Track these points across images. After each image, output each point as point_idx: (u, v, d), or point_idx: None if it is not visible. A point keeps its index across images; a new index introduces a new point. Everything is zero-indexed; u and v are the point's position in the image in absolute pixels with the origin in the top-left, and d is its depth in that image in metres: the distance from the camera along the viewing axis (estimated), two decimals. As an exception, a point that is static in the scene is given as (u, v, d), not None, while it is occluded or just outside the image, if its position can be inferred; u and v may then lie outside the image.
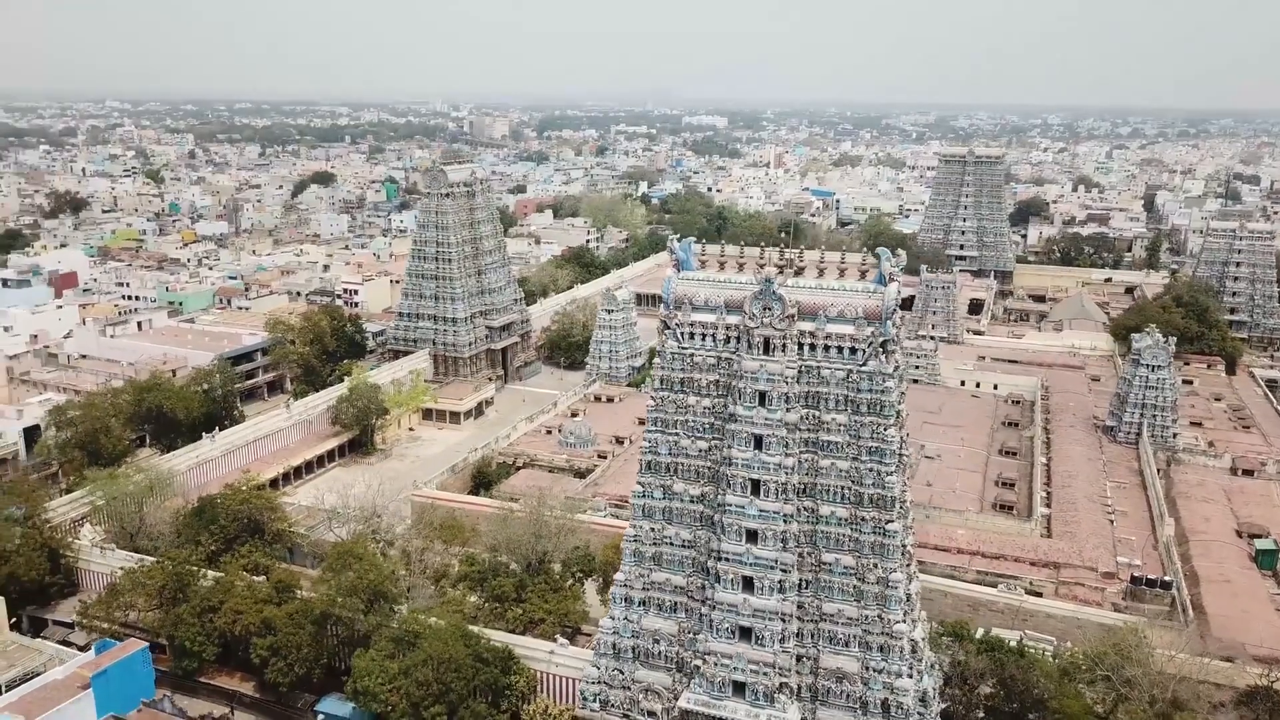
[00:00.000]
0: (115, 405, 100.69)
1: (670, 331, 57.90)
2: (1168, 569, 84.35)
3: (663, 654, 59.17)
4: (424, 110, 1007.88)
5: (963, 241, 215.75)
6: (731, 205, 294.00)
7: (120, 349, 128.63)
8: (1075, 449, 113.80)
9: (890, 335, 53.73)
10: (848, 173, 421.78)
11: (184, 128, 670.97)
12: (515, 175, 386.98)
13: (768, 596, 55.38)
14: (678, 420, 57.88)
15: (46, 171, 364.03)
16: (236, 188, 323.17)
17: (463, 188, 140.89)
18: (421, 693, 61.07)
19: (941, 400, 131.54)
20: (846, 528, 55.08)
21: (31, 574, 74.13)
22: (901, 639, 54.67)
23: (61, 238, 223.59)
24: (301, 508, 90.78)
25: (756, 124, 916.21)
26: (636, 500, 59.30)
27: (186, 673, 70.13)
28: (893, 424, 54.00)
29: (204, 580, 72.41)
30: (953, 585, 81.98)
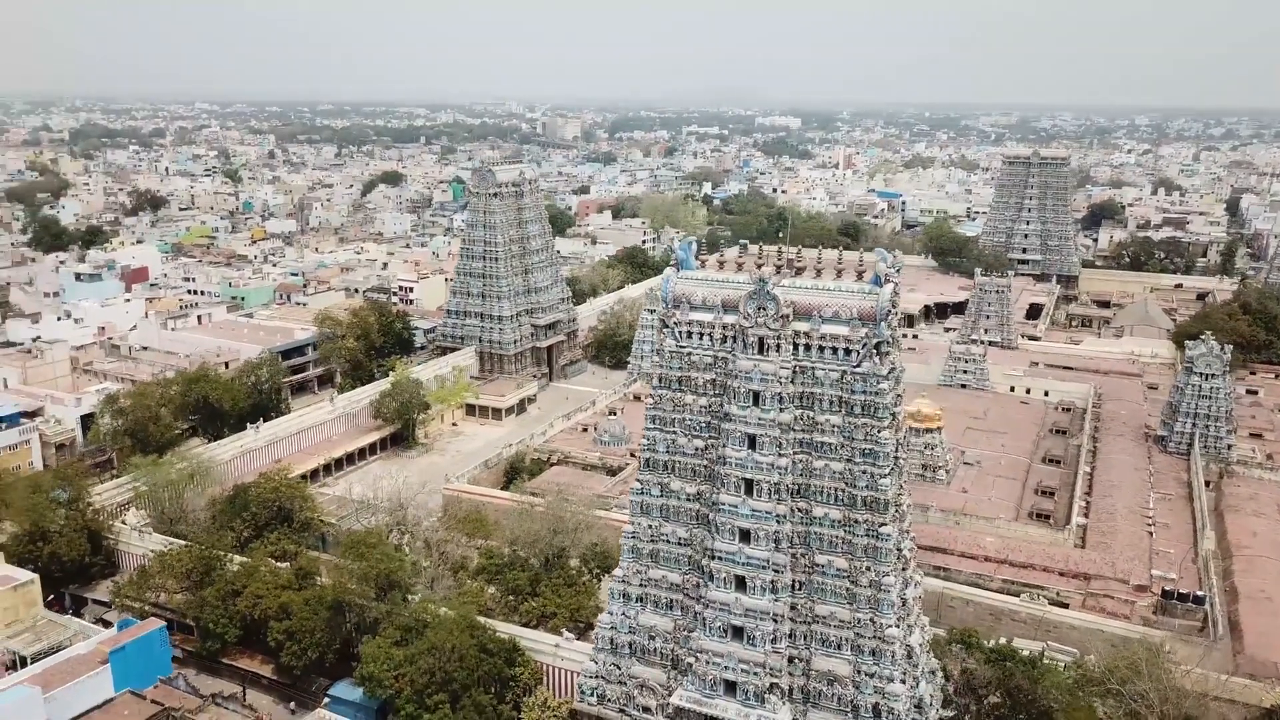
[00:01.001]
0: (165, 395, 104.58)
1: (669, 330, 58.21)
2: (1204, 584, 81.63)
3: (658, 650, 59.52)
4: (499, 112, 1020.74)
5: (1025, 245, 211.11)
6: (794, 206, 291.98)
7: (179, 341, 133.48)
8: (1121, 458, 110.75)
9: (885, 337, 53.24)
10: (918, 174, 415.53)
11: (266, 129, 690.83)
12: (581, 176, 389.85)
13: (759, 596, 55.33)
14: (675, 419, 58.17)
15: (132, 171, 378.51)
16: (309, 187, 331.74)
17: (510, 188, 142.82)
18: (425, 680, 62.36)
19: (987, 406, 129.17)
20: (840, 530, 54.74)
21: (72, 554, 77.55)
22: (894, 643, 54.12)
23: (139, 234, 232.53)
24: (334, 498, 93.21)
25: (831, 125, 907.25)
26: (635, 497, 59.78)
27: (210, 653, 72.72)
28: (886, 426, 53.52)
29: (230, 565, 74.91)
30: (975, 593, 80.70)
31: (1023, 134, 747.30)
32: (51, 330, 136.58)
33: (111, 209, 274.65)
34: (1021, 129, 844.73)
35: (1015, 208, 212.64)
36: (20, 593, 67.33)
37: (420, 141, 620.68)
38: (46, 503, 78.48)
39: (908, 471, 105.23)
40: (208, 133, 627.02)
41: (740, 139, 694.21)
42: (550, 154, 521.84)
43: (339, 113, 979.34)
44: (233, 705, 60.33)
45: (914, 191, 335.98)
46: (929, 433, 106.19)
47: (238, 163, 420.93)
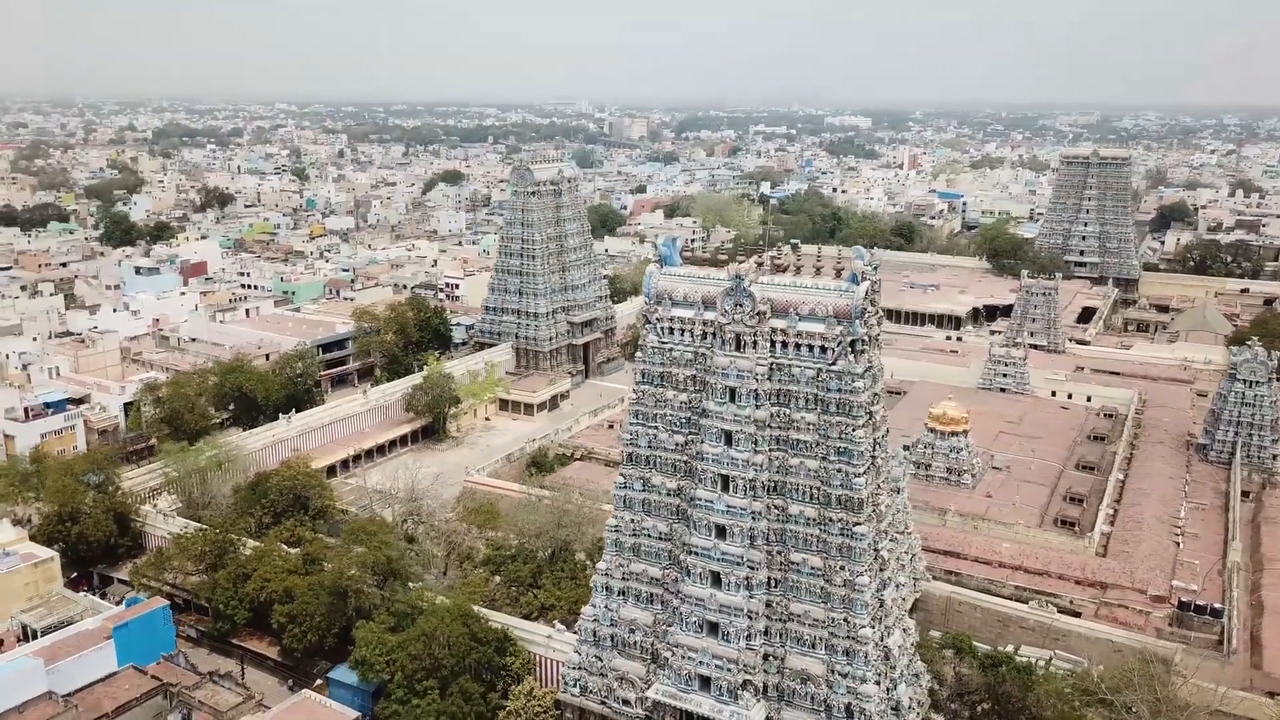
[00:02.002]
0: (203, 385, 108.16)
1: (651, 326, 58.65)
2: (1226, 596, 79.08)
3: (638, 644, 59.97)
4: (569, 112, 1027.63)
5: (1083, 247, 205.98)
6: (850, 206, 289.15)
7: (225, 333, 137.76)
8: (1157, 466, 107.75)
9: (859, 335, 52.92)
10: (985, 175, 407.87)
11: (340, 128, 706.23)
12: (640, 176, 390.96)
13: (734, 593, 55.46)
14: (656, 414, 58.58)
15: (206, 169, 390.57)
16: (372, 185, 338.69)
17: (549, 186, 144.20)
18: (414, 666, 63.69)
19: (1024, 410, 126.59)
20: (815, 528, 54.59)
21: (98, 534, 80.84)
22: (867, 644, 53.77)
23: (204, 230, 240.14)
24: (355, 488, 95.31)
25: (901, 125, 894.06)
26: (618, 491, 60.33)
27: (221, 634, 75.16)
28: (862, 425, 53.20)
29: (244, 549, 77.30)
30: (983, 599, 79.42)
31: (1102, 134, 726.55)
32: (107, 321, 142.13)
33: (181, 205, 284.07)
34: (1101, 129, 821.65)
35: (1073, 209, 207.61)
36: (40, 569, 70.58)
37: (488, 141, 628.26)
38: (76, 485, 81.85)
39: (933, 474, 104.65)
40: (283, 132, 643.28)
41: (808, 139, 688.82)
42: (613, 153, 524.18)
43: (412, 113, 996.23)
44: (227, 683, 62.34)
45: (976, 192, 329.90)
46: (954, 435, 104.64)
47: (307, 161, 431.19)
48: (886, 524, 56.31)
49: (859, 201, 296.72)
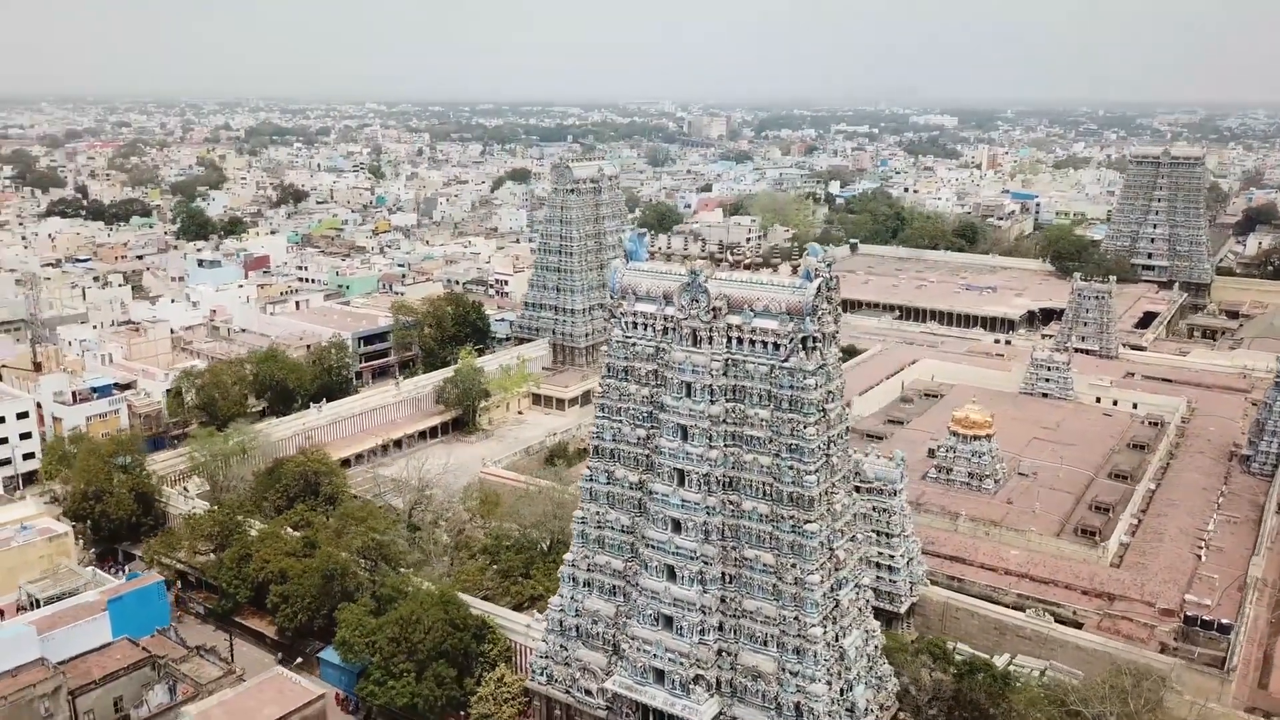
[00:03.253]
0: (238, 374, 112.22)
1: (616, 320, 59.15)
2: (1239, 613, 76.00)
3: (600, 635, 60.58)
4: (652, 111, 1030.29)
5: (1151, 250, 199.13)
6: (918, 207, 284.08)
7: (273, 325, 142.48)
8: (1191, 476, 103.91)
9: (810, 332, 52.57)
10: (1067, 175, 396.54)
11: (424, 127, 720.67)
12: (709, 174, 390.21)
13: (688, 587, 55.68)
14: (620, 408, 59.09)
15: (288, 166, 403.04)
16: (444, 183, 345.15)
17: (588, 184, 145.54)
18: (392, 649, 65.35)
19: (1063, 416, 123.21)
20: (767, 524, 54.47)
21: (120, 513, 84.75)
22: (817, 643, 53.43)
23: (275, 225, 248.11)
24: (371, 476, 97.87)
25: (989, 124, 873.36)
26: (584, 484, 61.02)
27: (224, 611, 78.11)
28: (813, 422, 52.86)
29: (251, 531, 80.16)
30: (980, 606, 77.87)
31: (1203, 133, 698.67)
32: (165, 311, 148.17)
33: (258, 201, 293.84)
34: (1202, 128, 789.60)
35: (1142, 210, 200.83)
36: (55, 544, 74.45)
37: (566, 140, 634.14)
38: (102, 465, 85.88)
39: (954, 479, 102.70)
40: (368, 131, 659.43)
41: (889, 138, 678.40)
42: (687, 152, 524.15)
43: (496, 112, 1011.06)
44: (212, 658, 64.89)
45: (1052, 193, 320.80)
46: (976, 440, 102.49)
47: (385, 160, 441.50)
48: (844, 523, 55.73)
49: (926, 202, 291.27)
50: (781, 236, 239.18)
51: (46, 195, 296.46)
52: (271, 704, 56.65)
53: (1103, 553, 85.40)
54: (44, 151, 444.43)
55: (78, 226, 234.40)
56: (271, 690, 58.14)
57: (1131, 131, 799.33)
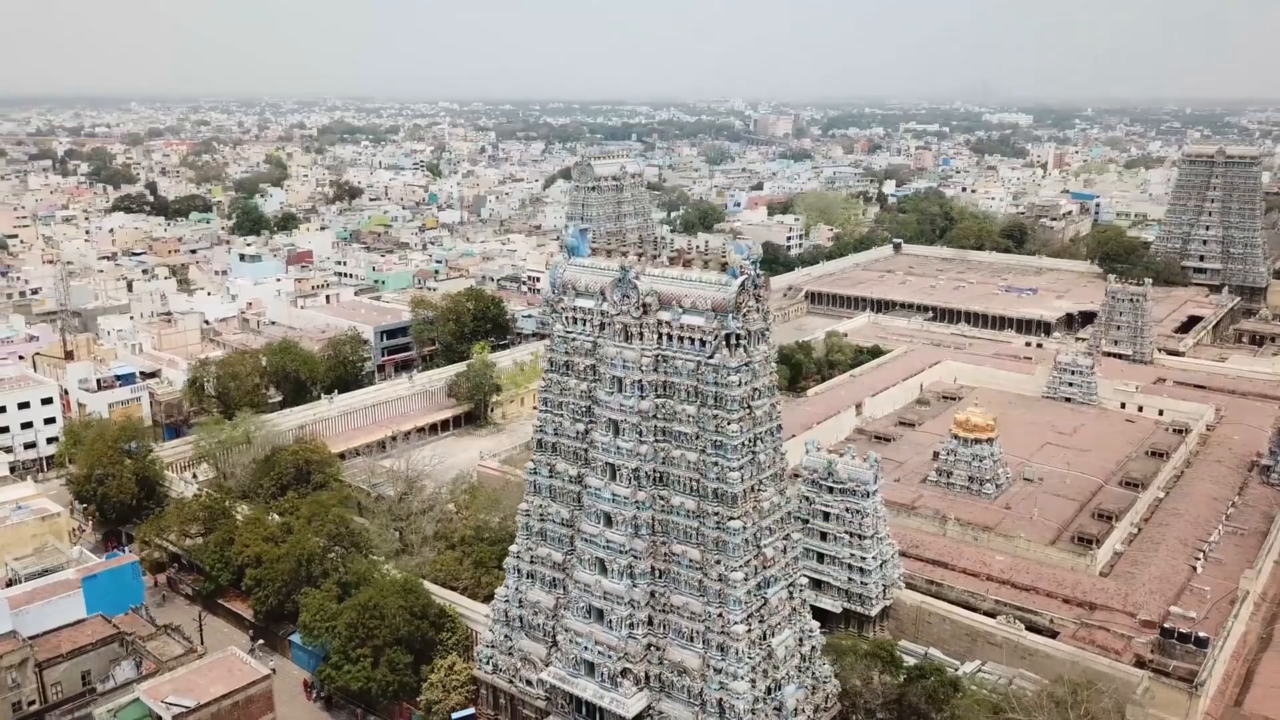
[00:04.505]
0: (253, 364, 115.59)
1: (556, 315, 59.79)
2: (1221, 627, 73.49)
3: (540, 626, 61.30)
4: (720, 110, 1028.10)
5: (1203, 252, 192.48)
6: (970, 206, 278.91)
7: (301, 318, 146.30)
8: (1204, 486, 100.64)
9: (734, 329, 52.52)
10: (1137, 174, 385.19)
11: (491, 126, 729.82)
12: (764, 173, 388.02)
13: (617, 580, 56.10)
14: (561, 402, 59.71)
15: (350, 164, 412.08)
16: (499, 180, 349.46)
17: (610, 182, 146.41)
18: (349, 634, 66.95)
19: (1083, 421, 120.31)
20: (694, 520, 54.62)
21: (121, 495, 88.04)
22: (740, 640, 53.39)
23: (326, 221, 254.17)
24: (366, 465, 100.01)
25: (1066, 122, 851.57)
26: (528, 477, 61.79)
27: (208, 593, 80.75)
28: (736, 419, 52.81)
29: (238, 516, 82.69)
30: (952, 611, 76.59)
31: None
32: (202, 304, 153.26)
33: (314, 198, 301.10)
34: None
35: (1194, 211, 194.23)
36: (47, 523, 77.82)
37: (631, 138, 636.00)
38: (106, 450, 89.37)
39: (954, 482, 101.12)
40: (436, 130, 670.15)
41: (959, 136, 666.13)
42: (747, 151, 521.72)
43: (565, 110, 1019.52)
44: (177, 636, 67.30)
45: (1115, 193, 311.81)
46: (978, 443, 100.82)
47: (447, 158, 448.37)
48: (772, 521, 55.41)
49: (980, 201, 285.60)
50: (825, 236, 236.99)
51: (118, 191, 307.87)
52: (218, 682, 58.55)
53: (1091, 561, 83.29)
54: (123, 150, 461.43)
55: (139, 221, 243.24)
56: (221, 669, 60.07)
57: (1217, 130, 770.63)
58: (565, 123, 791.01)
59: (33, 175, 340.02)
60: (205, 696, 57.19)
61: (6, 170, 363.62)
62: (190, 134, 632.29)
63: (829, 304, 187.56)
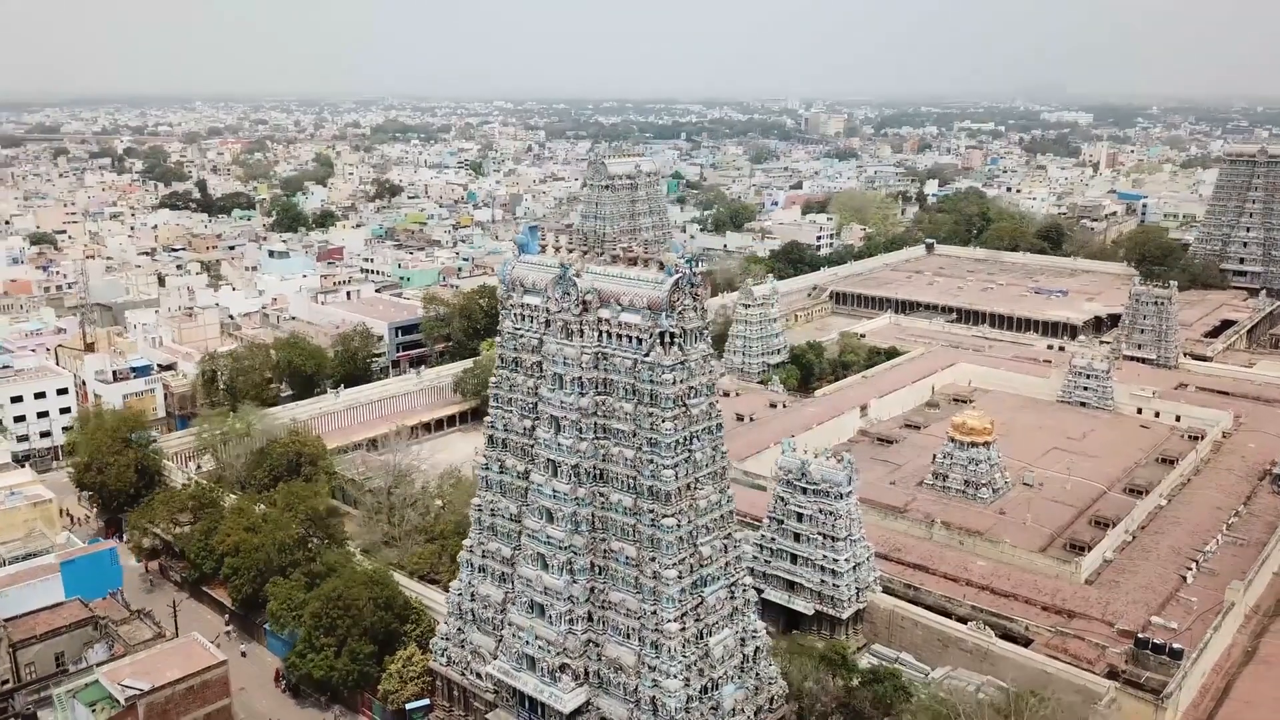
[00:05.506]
0: (261, 359, 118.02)
1: (506, 312, 60.34)
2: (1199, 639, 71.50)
3: (490, 620, 61.93)
4: (774, 108, 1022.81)
5: (1244, 255, 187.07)
6: (1012, 207, 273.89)
7: (320, 313, 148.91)
8: (1208, 494, 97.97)
9: (667, 327, 52.54)
10: (1193, 174, 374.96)
11: (542, 125, 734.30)
12: (806, 172, 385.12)
13: (557, 576, 56.49)
14: (510, 398, 60.28)
15: (396, 162, 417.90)
16: (540, 179, 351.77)
17: (624, 180, 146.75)
18: (313, 624, 68.26)
19: (1094, 427, 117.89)
20: (631, 517, 54.78)
21: (119, 484, 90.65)
22: (673, 639, 53.45)
23: (363, 219, 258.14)
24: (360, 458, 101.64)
25: (1128, 121, 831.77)
26: (480, 472, 62.51)
27: (194, 581, 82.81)
28: (670, 417, 52.86)
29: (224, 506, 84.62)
30: (924, 616, 75.66)
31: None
32: (228, 299, 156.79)
33: (355, 196, 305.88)
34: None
35: (1235, 212, 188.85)
36: (39, 509, 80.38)
37: (679, 137, 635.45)
38: (105, 440, 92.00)
39: (950, 486, 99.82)
40: (486, 128, 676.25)
41: (1015, 135, 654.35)
42: (793, 150, 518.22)
43: (619, 110, 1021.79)
44: (148, 621, 69.16)
45: (1165, 193, 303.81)
46: (974, 447, 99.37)
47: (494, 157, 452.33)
48: (710, 519, 55.27)
49: (1021, 202, 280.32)
50: (856, 235, 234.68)
51: (168, 189, 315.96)
52: (175, 666, 60.02)
53: (1075, 568, 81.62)
54: (180, 148, 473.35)
55: (182, 218, 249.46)
56: (180, 654, 61.59)
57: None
58: (616, 122, 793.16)
59: (89, 173, 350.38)
60: (160, 680, 58.64)
61: (66, 169, 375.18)
62: (248, 133, 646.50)
63: (854, 304, 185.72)
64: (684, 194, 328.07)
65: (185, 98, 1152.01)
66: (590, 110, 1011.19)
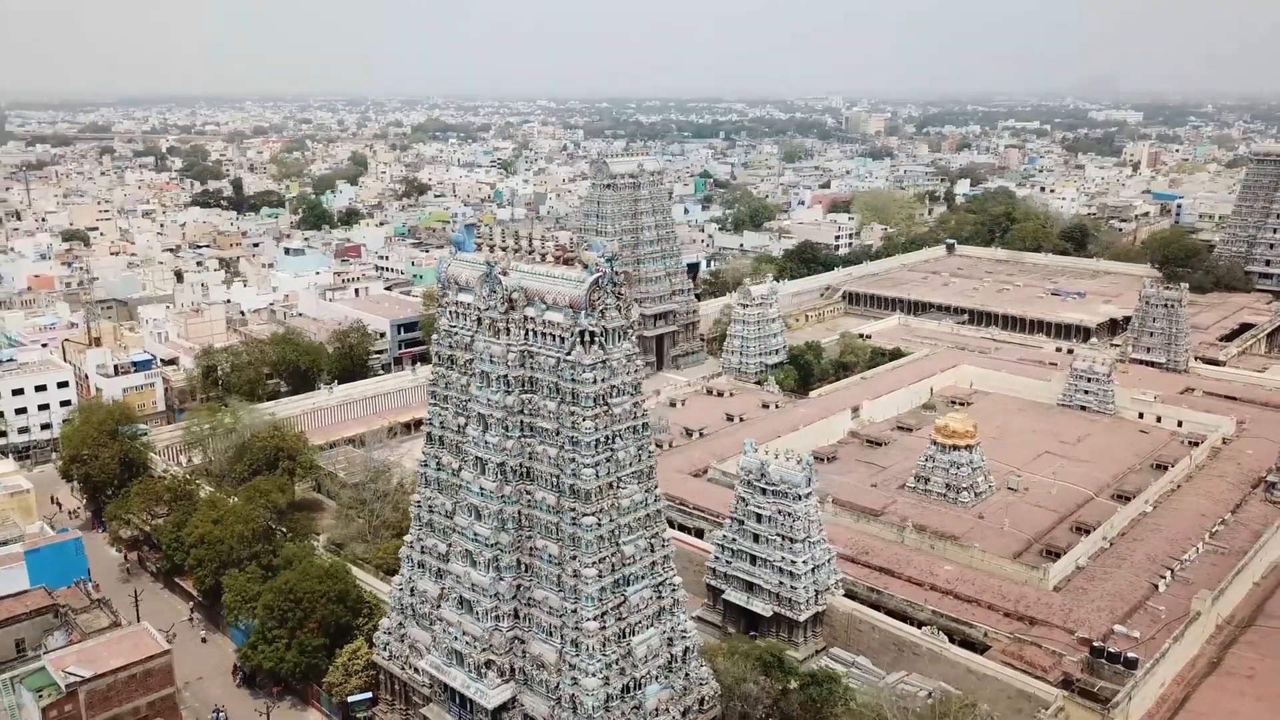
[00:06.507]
0: (258, 354, 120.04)
1: (442, 310, 60.84)
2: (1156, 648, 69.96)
3: (427, 615, 62.47)
4: (818, 107, 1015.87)
5: (1270, 257, 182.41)
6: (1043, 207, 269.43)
7: (327, 310, 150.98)
8: (1196, 501, 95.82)
9: (586, 326, 52.63)
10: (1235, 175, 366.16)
11: (581, 124, 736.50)
12: (837, 171, 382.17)
13: (484, 573, 56.86)
14: (446, 396, 60.78)
15: (429, 161, 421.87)
16: (567, 179, 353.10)
17: (626, 179, 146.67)
18: (266, 615, 69.41)
19: (1091, 431, 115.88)
20: (554, 515, 54.96)
21: (103, 476, 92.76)
22: (593, 637, 53.57)
23: (387, 217, 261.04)
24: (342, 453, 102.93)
25: (1179, 119, 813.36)
26: (420, 469, 63.07)
27: (166, 571, 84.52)
28: (590, 415, 52.96)
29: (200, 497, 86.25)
30: (882, 620, 74.94)
31: None
32: (239, 295, 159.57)
33: (383, 195, 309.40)
34: None
35: (1261, 213, 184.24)
36: (16, 499, 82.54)
37: (718, 136, 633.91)
38: (90, 432, 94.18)
39: (931, 489, 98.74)
40: (526, 127, 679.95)
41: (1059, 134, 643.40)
42: (829, 149, 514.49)
43: (661, 109, 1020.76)
44: (108, 610, 70.76)
45: (1203, 193, 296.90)
46: (956, 450, 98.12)
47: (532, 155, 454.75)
48: (633, 519, 55.23)
49: (1050, 202, 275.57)
50: (877, 236, 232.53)
51: (204, 186, 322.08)
52: (120, 655, 61.38)
53: (1044, 575, 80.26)
54: (222, 147, 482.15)
55: (211, 216, 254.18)
56: (127, 643, 62.97)
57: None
58: (656, 121, 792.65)
59: (129, 171, 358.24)
60: (104, 668, 60.00)
61: (109, 167, 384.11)
62: (292, 131, 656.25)
63: (866, 304, 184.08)
64: (711, 193, 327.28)
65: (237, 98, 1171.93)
66: (632, 109, 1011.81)
